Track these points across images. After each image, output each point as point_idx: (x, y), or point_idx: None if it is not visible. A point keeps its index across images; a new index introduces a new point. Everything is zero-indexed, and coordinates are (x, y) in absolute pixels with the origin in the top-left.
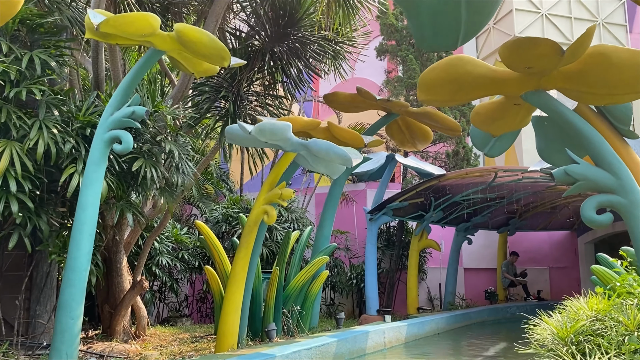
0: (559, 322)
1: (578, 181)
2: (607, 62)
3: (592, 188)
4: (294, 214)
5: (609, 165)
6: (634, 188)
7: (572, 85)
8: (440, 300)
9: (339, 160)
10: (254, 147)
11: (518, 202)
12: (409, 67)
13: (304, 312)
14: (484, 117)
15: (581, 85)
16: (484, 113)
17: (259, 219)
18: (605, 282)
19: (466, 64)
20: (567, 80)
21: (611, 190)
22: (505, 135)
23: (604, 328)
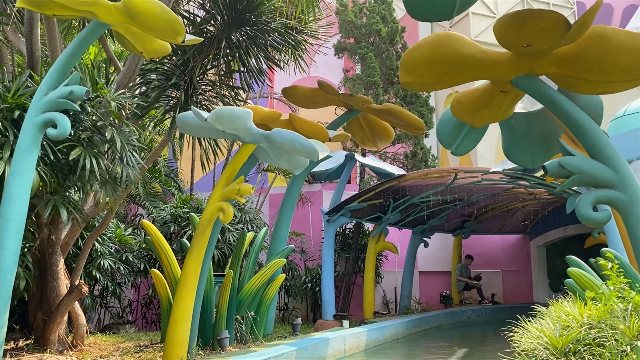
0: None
1: (573, 174)
2: (607, 45)
3: (589, 182)
4: (248, 214)
5: (608, 158)
6: (634, 183)
7: (566, 70)
8: (395, 304)
9: (305, 153)
10: (209, 138)
11: (474, 204)
12: (368, 65)
13: (258, 318)
14: (466, 105)
15: (576, 71)
16: (467, 101)
17: (214, 217)
18: (583, 286)
19: (455, 42)
20: (561, 65)
21: (609, 185)
22: (473, 133)
23: (602, 337)
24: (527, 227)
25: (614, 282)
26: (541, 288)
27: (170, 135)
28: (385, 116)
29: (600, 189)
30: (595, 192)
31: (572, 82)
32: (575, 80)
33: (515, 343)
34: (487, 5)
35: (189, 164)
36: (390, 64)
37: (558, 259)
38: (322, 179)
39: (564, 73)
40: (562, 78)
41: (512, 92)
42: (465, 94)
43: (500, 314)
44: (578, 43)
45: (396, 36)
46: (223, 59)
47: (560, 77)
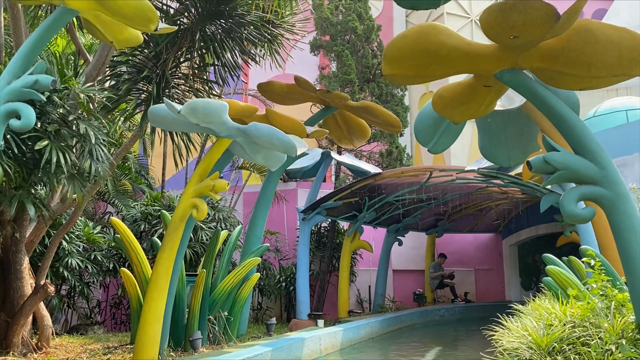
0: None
1: (558, 170)
2: (593, 39)
3: (573, 178)
4: (221, 212)
5: (593, 153)
6: (619, 179)
7: (551, 64)
8: (369, 302)
9: (283, 148)
10: (181, 132)
11: (448, 203)
12: (344, 63)
13: (232, 318)
14: (448, 100)
15: (560, 65)
16: (448, 96)
17: (187, 214)
18: (562, 284)
19: (440, 34)
20: (546, 59)
21: (594, 181)
22: (449, 131)
23: (587, 335)
24: (499, 226)
25: (596, 280)
26: (513, 287)
27: (141, 130)
28: (362, 113)
29: (584, 186)
30: (580, 189)
31: (556, 77)
32: (559, 75)
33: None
34: (461, 5)
35: (160, 161)
36: (366, 62)
37: (529, 258)
38: (297, 176)
39: (548, 67)
40: (546, 73)
41: (495, 87)
42: (447, 89)
43: (473, 313)
44: (563, 37)
45: (372, 34)
46: (197, 52)
47: (544, 71)
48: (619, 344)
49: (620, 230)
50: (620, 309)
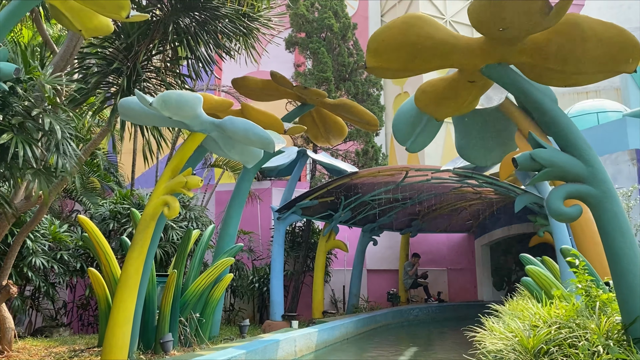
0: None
1: (544, 168)
2: (580, 34)
3: (560, 176)
4: (193, 211)
5: (580, 150)
6: (606, 177)
7: (538, 59)
8: (343, 302)
9: (260, 143)
10: (153, 127)
11: (423, 203)
12: (320, 61)
13: (204, 320)
14: (432, 95)
15: (547, 61)
16: (432, 91)
17: (158, 212)
18: (542, 284)
19: (426, 25)
20: (533, 54)
21: (581, 179)
22: (427, 130)
23: (573, 336)
24: (472, 226)
25: (580, 280)
26: (485, 286)
27: (110, 125)
28: (339, 111)
29: (571, 184)
30: (567, 187)
31: (543, 72)
32: (545, 71)
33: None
34: (435, 5)
35: (130, 158)
36: (342, 60)
37: (501, 258)
38: (272, 175)
39: (535, 63)
40: (532, 68)
41: (479, 82)
42: (431, 84)
43: (446, 312)
44: (550, 31)
45: (348, 32)
46: (170, 45)
47: (530, 67)
48: (607, 346)
49: (607, 230)
50: (603, 309)
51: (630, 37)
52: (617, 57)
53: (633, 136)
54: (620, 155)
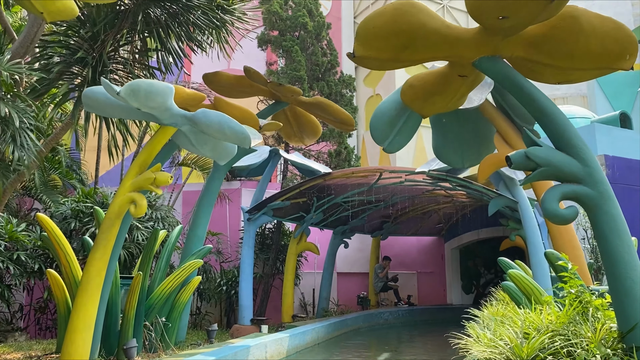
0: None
1: (539, 167)
2: (578, 27)
3: (555, 176)
4: (159, 211)
5: (576, 149)
6: (603, 178)
7: (532, 54)
8: (313, 306)
9: (235, 138)
10: (119, 119)
11: (395, 206)
12: (293, 59)
13: (170, 324)
14: (419, 90)
15: (542, 55)
16: (420, 86)
17: (123, 210)
18: (524, 289)
19: (419, 13)
20: (529, 47)
21: (577, 179)
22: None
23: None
24: (442, 229)
25: (571, 285)
26: (454, 290)
27: (73, 118)
28: (314, 110)
29: (567, 184)
30: (562, 187)
31: (536, 68)
32: (539, 67)
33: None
34: None
35: (93, 156)
36: (315, 59)
37: (470, 262)
38: (243, 175)
39: (530, 57)
40: (526, 63)
41: (470, 77)
42: (419, 78)
43: (416, 316)
44: (547, 24)
45: (322, 31)
46: (139, 35)
47: (523, 61)
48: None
49: (603, 232)
50: (595, 316)
51: (629, 33)
52: (614, 53)
53: (602, 142)
54: None
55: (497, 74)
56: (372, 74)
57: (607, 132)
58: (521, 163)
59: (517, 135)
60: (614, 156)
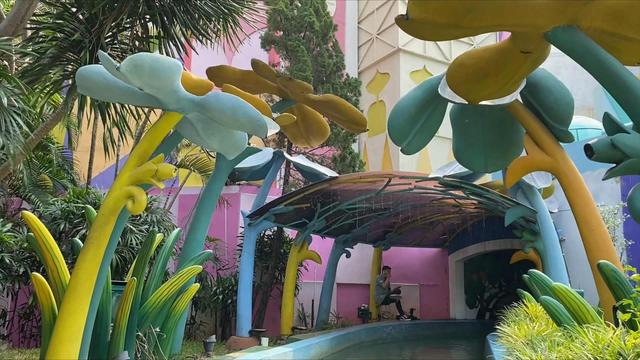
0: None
1: (627, 158)
2: None
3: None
4: (155, 214)
5: None
6: None
7: (615, 25)
8: (312, 317)
9: (250, 126)
10: (118, 103)
11: (399, 215)
12: (299, 59)
13: (164, 335)
14: (471, 70)
15: (627, 27)
16: (472, 64)
17: (120, 206)
18: (570, 305)
19: None
20: (611, 17)
21: None
22: (425, 129)
23: None
24: (447, 240)
25: None
26: (458, 304)
27: (66, 106)
28: (323, 108)
29: None
30: None
31: (617, 43)
32: (620, 42)
33: None
34: None
35: (86, 156)
36: (322, 60)
37: (475, 275)
38: (244, 177)
39: (610, 29)
40: (605, 37)
41: (535, 54)
42: (472, 55)
43: (419, 330)
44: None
45: (329, 32)
46: (140, 20)
47: (602, 35)
48: None
49: None
50: None
51: None
52: None
53: None
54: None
55: (575, 47)
56: (376, 78)
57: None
58: (605, 153)
59: (549, 137)
60: None
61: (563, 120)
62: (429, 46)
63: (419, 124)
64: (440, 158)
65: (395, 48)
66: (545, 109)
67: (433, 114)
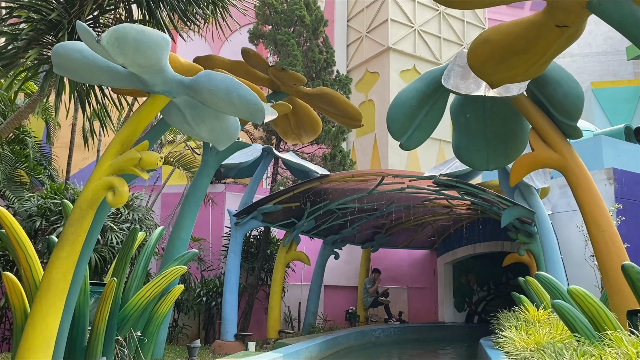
0: None
1: None
2: None
3: None
4: (137, 212)
5: None
6: None
7: None
8: (298, 320)
9: (245, 110)
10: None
11: (389, 215)
12: (289, 53)
13: (146, 339)
14: (497, 47)
15: None
16: (498, 41)
17: (99, 198)
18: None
19: None
20: None
21: None
22: (426, 124)
23: None
24: (436, 242)
25: None
26: (447, 307)
27: (42, 92)
28: (317, 102)
29: None
30: None
31: None
32: None
33: None
34: (405, 13)
35: (65, 152)
36: (312, 55)
37: (464, 278)
38: (231, 175)
39: None
40: None
41: (572, 28)
42: (499, 30)
43: (408, 334)
44: None
45: (320, 26)
46: (123, 3)
47: None
48: None
49: None
50: None
51: None
52: None
53: (608, 155)
54: (597, 173)
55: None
56: (365, 78)
57: (614, 145)
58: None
59: (556, 133)
60: (622, 170)
61: (572, 114)
62: (419, 45)
63: (419, 118)
64: (430, 159)
65: (385, 47)
66: (553, 102)
67: (434, 107)
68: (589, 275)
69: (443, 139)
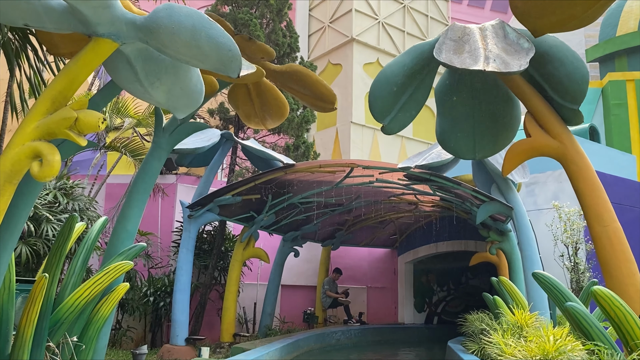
0: None
1: None
2: None
3: None
4: (78, 202)
5: None
6: None
7: None
8: (254, 322)
9: (215, 57)
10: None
11: (352, 212)
12: (251, 34)
13: (83, 345)
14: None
15: None
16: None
17: (20, 169)
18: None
19: None
20: None
21: None
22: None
23: None
24: (397, 241)
25: None
26: (407, 308)
27: None
28: (286, 81)
29: None
30: None
31: None
32: None
33: None
34: (370, 5)
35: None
36: (275, 38)
37: (424, 277)
38: (185, 163)
39: None
40: None
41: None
42: None
43: (368, 336)
44: None
45: (284, 8)
46: None
47: None
48: None
49: None
50: None
51: None
52: None
53: None
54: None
55: None
56: (327, 69)
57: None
58: None
59: (555, 118)
60: None
61: (575, 97)
62: (383, 38)
63: (405, 97)
64: (392, 155)
65: (348, 37)
66: (553, 83)
67: (420, 86)
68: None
69: (405, 136)
